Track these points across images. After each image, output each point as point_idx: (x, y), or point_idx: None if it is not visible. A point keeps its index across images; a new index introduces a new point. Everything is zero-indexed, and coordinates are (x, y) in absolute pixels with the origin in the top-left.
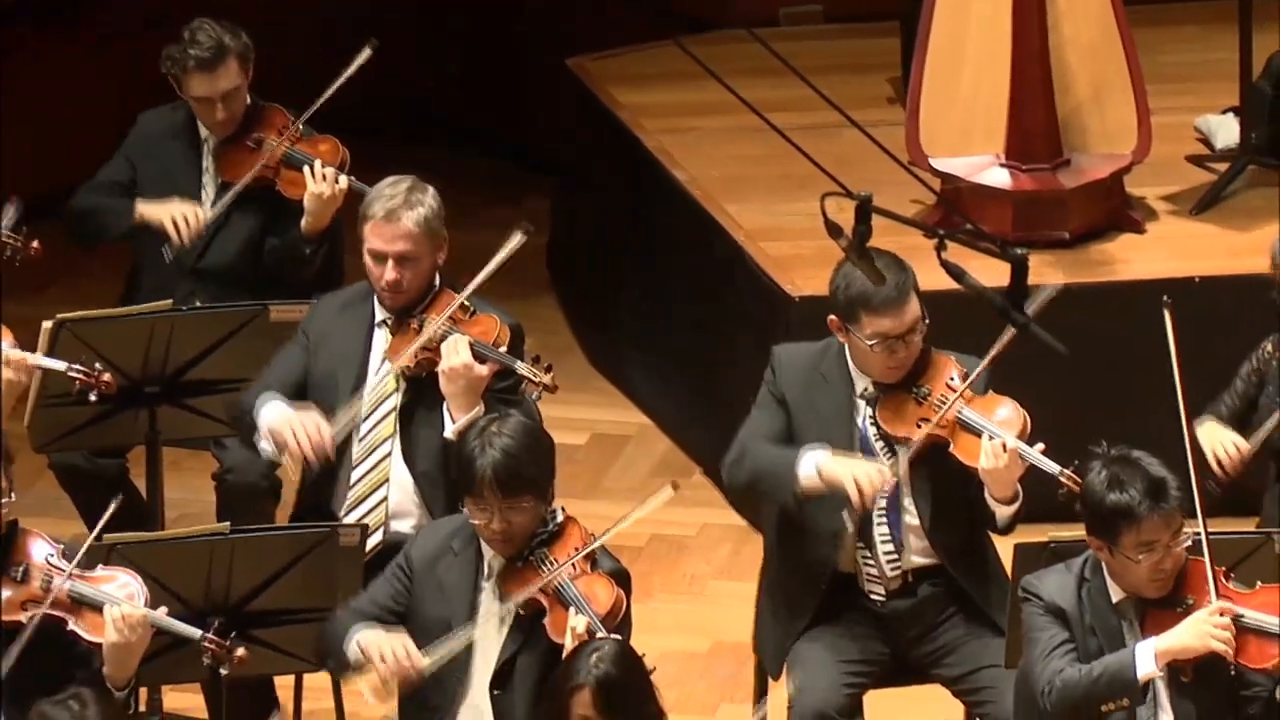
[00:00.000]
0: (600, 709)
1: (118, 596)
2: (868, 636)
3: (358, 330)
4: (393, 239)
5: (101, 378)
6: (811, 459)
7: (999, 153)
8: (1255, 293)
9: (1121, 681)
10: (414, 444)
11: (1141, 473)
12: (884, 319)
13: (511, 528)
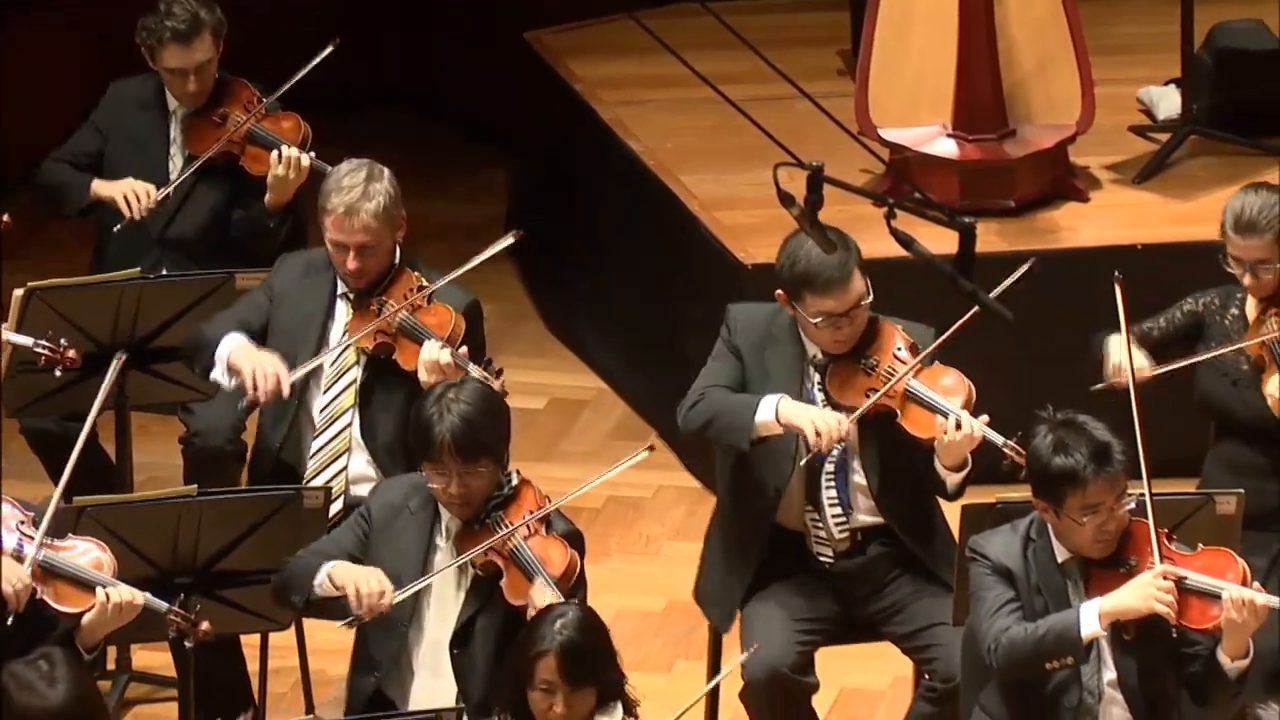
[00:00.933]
0: (564, 674)
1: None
2: (819, 595)
3: (319, 296)
4: (352, 232)
5: (66, 354)
6: (771, 402)
7: (946, 123)
8: (1198, 259)
9: (1066, 640)
10: (373, 418)
11: (1086, 437)
12: (827, 299)
13: (469, 491)
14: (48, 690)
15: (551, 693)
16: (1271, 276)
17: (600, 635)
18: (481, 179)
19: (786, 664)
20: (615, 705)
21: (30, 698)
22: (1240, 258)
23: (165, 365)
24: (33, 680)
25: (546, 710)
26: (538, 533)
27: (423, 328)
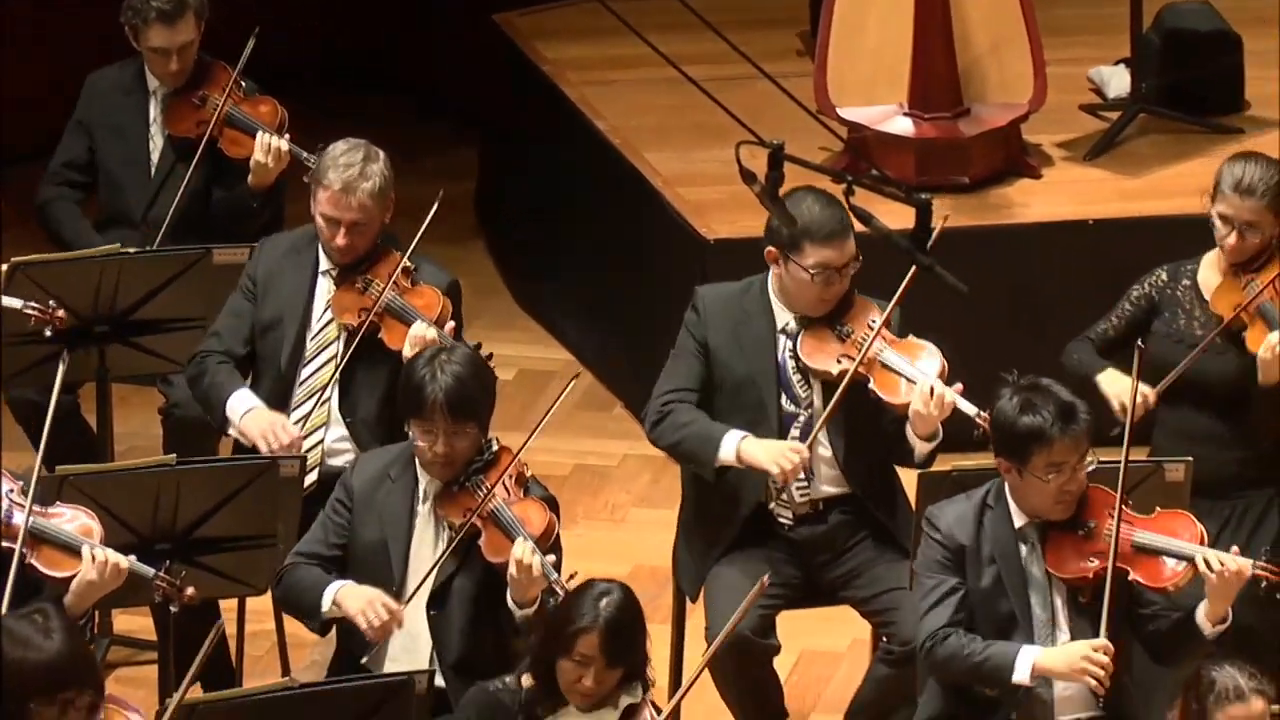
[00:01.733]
0: (604, 650)
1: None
2: (780, 561)
3: (302, 276)
4: (346, 209)
5: (55, 314)
6: (732, 442)
7: (902, 102)
8: (1147, 234)
9: (998, 678)
10: (351, 393)
11: (1053, 397)
12: (828, 249)
13: (453, 452)
14: (44, 641)
15: (586, 665)
16: (1257, 241)
17: (640, 617)
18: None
19: (749, 627)
20: (636, 685)
21: (25, 652)
22: (1232, 217)
23: (145, 338)
24: (28, 633)
25: (576, 681)
26: (517, 496)
27: (411, 309)
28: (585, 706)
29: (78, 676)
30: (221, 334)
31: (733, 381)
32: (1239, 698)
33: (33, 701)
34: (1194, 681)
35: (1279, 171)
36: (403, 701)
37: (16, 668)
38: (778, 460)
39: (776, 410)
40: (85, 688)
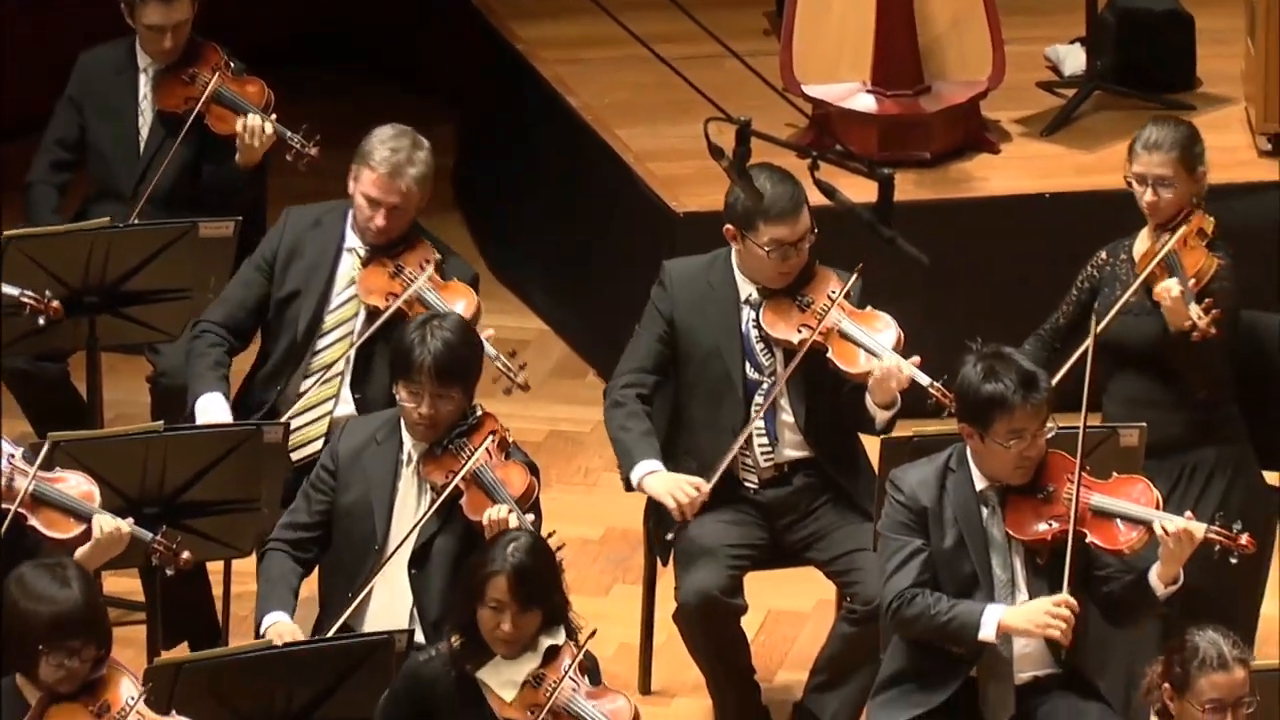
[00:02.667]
0: (513, 594)
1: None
2: (748, 523)
3: (326, 250)
4: (390, 192)
5: (50, 304)
6: (640, 471)
7: (865, 80)
8: (1102, 207)
9: (964, 637)
10: (364, 372)
11: (1015, 366)
12: (781, 227)
13: (437, 415)
14: (60, 591)
15: (500, 611)
16: (1171, 196)
17: (548, 561)
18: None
19: (717, 587)
20: (559, 629)
21: (40, 601)
22: (1145, 174)
23: (133, 309)
24: (44, 585)
25: (494, 628)
26: (499, 459)
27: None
28: (509, 654)
29: (88, 628)
30: (227, 299)
31: (700, 352)
32: (1223, 666)
33: (42, 646)
34: (1177, 646)
35: (1188, 129)
36: (382, 659)
37: (31, 614)
38: (673, 493)
39: (742, 378)
40: (93, 639)
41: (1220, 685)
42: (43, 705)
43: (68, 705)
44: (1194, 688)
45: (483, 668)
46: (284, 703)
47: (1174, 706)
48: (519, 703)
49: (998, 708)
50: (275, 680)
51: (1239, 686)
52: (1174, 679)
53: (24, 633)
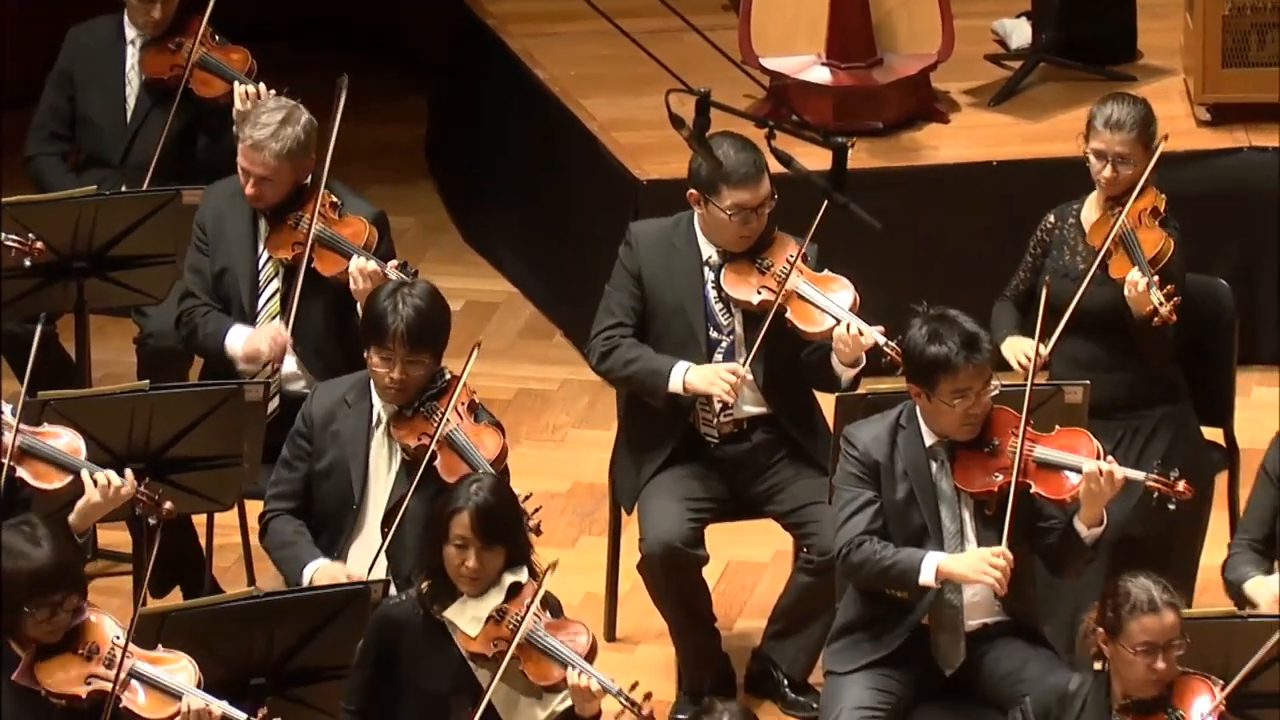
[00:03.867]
0: (476, 530)
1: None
2: (708, 478)
3: (245, 220)
4: (255, 164)
5: (34, 245)
6: (679, 374)
7: (820, 53)
8: (1046, 175)
9: (907, 581)
10: (297, 323)
11: (958, 328)
12: (743, 192)
13: (407, 379)
14: (33, 550)
15: (465, 548)
16: (1129, 172)
17: (510, 501)
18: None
19: (679, 539)
20: (521, 568)
21: (17, 560)
22: (1105, 151)
23: (120, 273)
24: (18, 542)
25: (460, 565)
26: (470, 421)
27: (341, 238)
28: (473, 591)
29: (66, 580)
30: (194, 292)
31: (664, 310)
32: (1153, 610)
33: (26, 605)
34: (1111, 592)
35: (1145, 107)
36: (359, 609)
37: (10, 575)
38: (714, 383)
39: (705, 336)
40: (71, 591)
41: (1151, 629)
42: (31, 657)
43: (58, 655)
44: (1126, 631)
45: (449, 608)
46: (264, 649)
47: (1109, 650)
48: (483, 637)
49: (948, 654)
50: (256, 628)
51: (1169, 630)
52: (1108, 623)
53: (6, 594)
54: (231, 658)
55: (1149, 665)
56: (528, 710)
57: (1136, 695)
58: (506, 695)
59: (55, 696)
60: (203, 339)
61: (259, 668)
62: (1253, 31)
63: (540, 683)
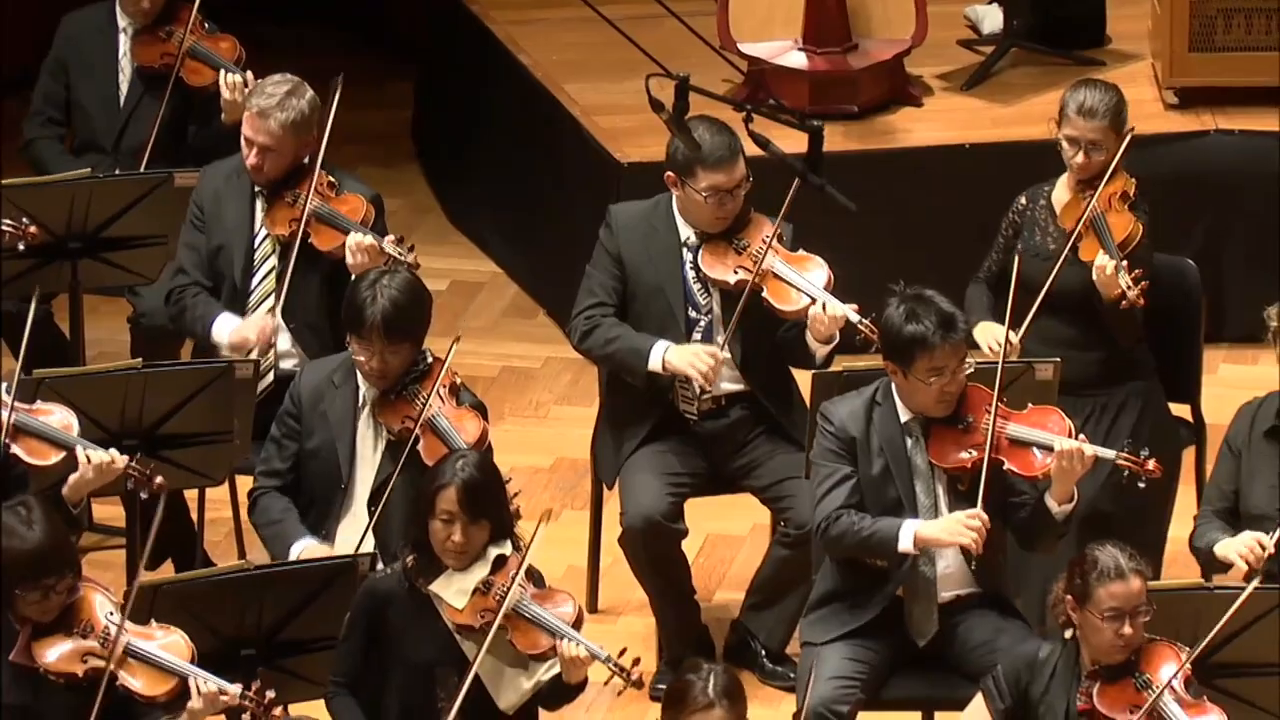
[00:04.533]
0: (463, 505)
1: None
2: (687, 453)
3: (242, 199)
4: (259, 131)
5: (29, 230)
6: (659, 353)
7: (797, 38)
8: (1017, 157)
9: (886, 550)
10: (292, 300)
11: (935, 308)
12: (718, 174)
13: (387, 367)
14: (26, 532)
15: (451, 523)
16: (1101, 158)
17: (495, 476)
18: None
19: (660, 513)
20: (505, 542)
21: (10, 542)
22: (1078, 138)
23: (113, 254)
24: (13, 524)
25: (445, 540)
26: (451, 404)
27: (338, 214)
28: (459, 565)
29: (59, 563)
30: (186, 269)
31: (643, 290)
32: (1119, 576)
33: (19, 589)
34: (1079, 561)
35: (1116, 94)
36: (347, 582)
37: (5, 557)
38: (693, 363)
39: (684, 315)
40: (65, 573)
41: (1118, 595)
42: (27, 636)
43: (53, 635)
44: (1094, 598)
45: (434, 581)
46: (255, 621)
47: (1077, 617)
48: (470, 609)
49: (922, 625)
50: (247, 600)
51: (1136, 596)
52: (1076, 590)
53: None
54: (222, 629)
55: (1116, 631)
56: (514, 680)
57: (1105, 661)
58: (493, 666)
59: (52, 675)
60: (190, 321)
61: (249, 639)
62: (1219, 16)
63: (529, 652)
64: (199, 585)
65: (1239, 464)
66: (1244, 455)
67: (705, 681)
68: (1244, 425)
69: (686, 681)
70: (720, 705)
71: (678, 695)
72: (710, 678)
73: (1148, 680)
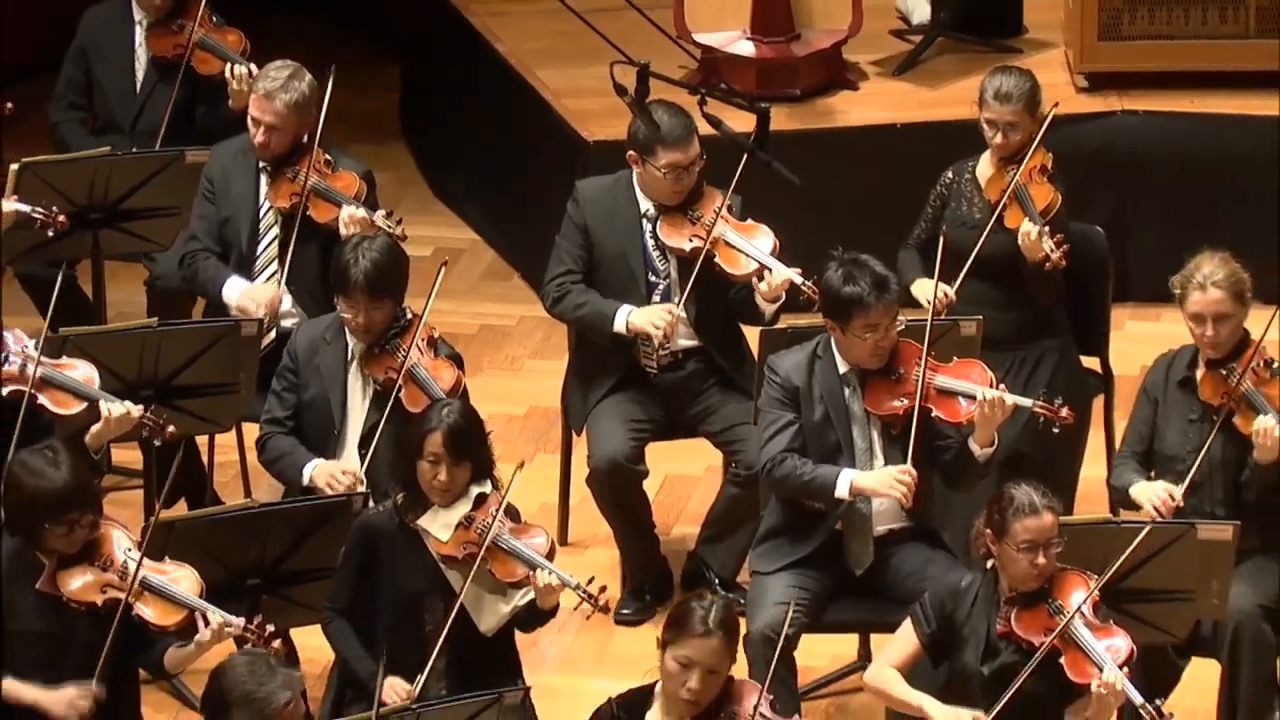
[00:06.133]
0: (448, 447)
1: (81, 381)
2: (648, 402)
3: (249, 175)
4: (265, 111)
5: (57, 218)
6: (622, 315)
7: (745, 28)
8: (943, 135)
9: (824, 494)
10: (294, 267)
11: (870, 271)
12: (675, 152)
13: (371, 322)
14: (54, 472)
15: (437, 464)
16: (1018, 137)
17: (476, 422)
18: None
19: (623, 456)
20: (486, 481)
21: (39, 481)
22: (996, 120)
23: (131, 223)
24: (41, 465)
25: (432, 479)
26: (430, 355)
27: (334, 189)
28: (444, 502)
29: (82, 500)
30: (198, 236)
31: (607, 257)
32: (1033, 511)
33: (46, 523)
34: (996, 498)
35: (1030, 79)
36: (342, 519)
37: (33, 494)
38: (653, 322)
39: (644, 279)
40: (88, 510)
41: (1031, 528)
42: (53, 566)
43: (76, 566)
44: (1010, 531)
45: (421, 517)
46: (259, 554)
47: (995, 549)
48: (454, 541)
49: (859, 556)
50: (252, 535)
51: (1048, 529)
52: (994, 525)
53: (29, 511)
54: (230, 561)
55: (1031, 561)
56: (493, 605)
57: (1021, 588)
58: (474, 592)
59: (74, 603)
60: (202, 281)
61: (254, 570)
62: (1125, 8)
63: (506, 580)
64: (209, 522)
65: (1155, 409)
66: (1160, 402)
67: (706, 611)
68: (1160, 375)
69: (689, 608)
70: (716, 636)
71: (679, 620)
72: (711, 609)
73: (1059, 606)
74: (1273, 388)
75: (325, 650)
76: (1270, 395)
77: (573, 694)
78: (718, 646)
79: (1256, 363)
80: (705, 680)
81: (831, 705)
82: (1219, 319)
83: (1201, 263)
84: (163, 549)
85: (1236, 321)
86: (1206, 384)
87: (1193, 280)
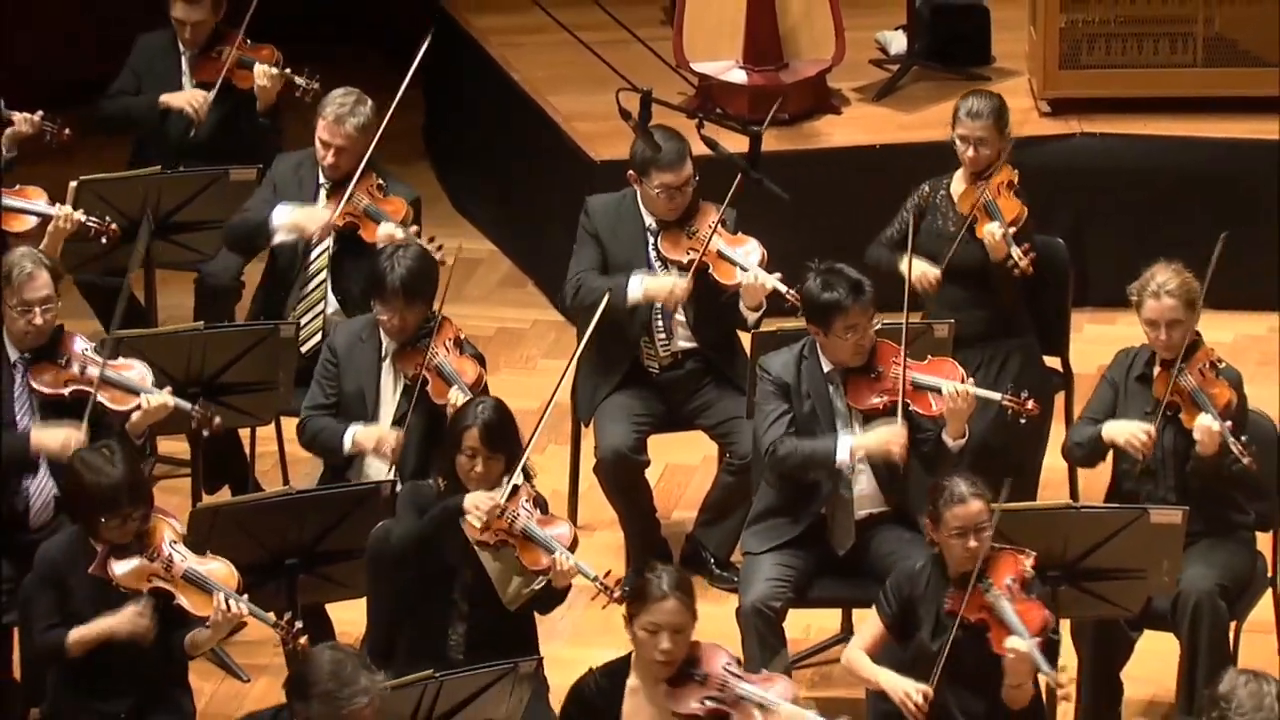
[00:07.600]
0: (483, 442)
1: (136, 380)
2: (650, 398)
3: (309, 186)
4: (335, 135)
5: (110, 228)
6: (637, 283)
7: (738, 58)
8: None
9: (824, 462)
10: (341, 277)
11: (845, 277)
12: (668, 174)
13: (405, 324)
14: (110, 470)
15: (474, 457)
16: (987, 152)
17: (509, 419)
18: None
19: (627, 446)
20: (518, 473)
21: (98, 477)
22: (966, 136)
23: (180, 236)
24: (99, 462)
25: (470, 471)
26: (455, 354)
27: (382, 212)
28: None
29: (135, 496)
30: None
31: (615, 266)
32: (961, 500)
33: (102, 516)
34: (933, 489)
35: (998, 100)
36: (373, 503)
37: (91, 489)
38: (671, 290)
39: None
40: (140, 504)
41: (960, 516)
42: (106, 554)
43: (127, 555)
44: (943, 519)
45: None
46: (296, 536)
47: (935, 535)
48: (487, 529)
49: (841, 538)
50: (290, 519)
51: (975, 516)
52: (931, 515)
53: (87, 505)
54: (270, 543)
55: (963, 545)
56: (516, 584)
57: (959, 570)
58: (501, 571)
59: (123, 587)
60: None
61: (292, 550)
62: (1084, 40)
63: (531, 567)
64: (251, 507)
65: (1116, 394)
66: (1120, 391)
67: (659, 579)
68: (1122, 369)
69: (644, 580)
70: (674, 596)
71: (639, 593)
72: (663, 575)
73: (990, 584)
74: (1216, 388)
75: (357, 623)
76: (1213, 395)
77: (582, 664)
78: (677, 606)
79: (1203, 364)
80: (674, 640)
81: (816, 674)
82: (1171, 324)
83: (1156, 272)
84: (209, 531)
85: (1187, 326)
86: (1160, 381)
87: (1148, 288)
